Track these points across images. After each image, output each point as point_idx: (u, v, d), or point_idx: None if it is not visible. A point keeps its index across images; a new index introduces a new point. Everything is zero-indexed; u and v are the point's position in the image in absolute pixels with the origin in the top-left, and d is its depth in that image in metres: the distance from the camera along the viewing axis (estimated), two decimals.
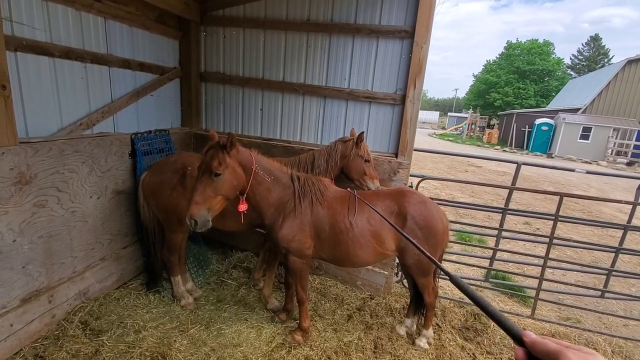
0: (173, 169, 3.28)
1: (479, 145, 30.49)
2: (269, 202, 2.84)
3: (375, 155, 3.79)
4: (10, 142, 2.53)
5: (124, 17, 3.60)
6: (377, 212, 2.11)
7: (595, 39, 53.54)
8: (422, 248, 1.11)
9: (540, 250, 5.67)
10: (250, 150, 2.75)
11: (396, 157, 3.91)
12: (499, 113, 41.32)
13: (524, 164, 3.82)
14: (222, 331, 3.28)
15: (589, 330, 3.80)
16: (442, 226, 2.97)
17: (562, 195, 3.51)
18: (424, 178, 4.03)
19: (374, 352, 3.22)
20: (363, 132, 3.44)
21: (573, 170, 3.64)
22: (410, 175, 3.99)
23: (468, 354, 3.30)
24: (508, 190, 3.93)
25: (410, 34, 3.67)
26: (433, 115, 64.29)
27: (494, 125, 40.83)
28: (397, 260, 4.07)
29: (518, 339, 0.70)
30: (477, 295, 0.85)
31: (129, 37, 3.74)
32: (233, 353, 3.01)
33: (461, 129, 42.74)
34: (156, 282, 3.74)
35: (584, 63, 53.62)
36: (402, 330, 3.47)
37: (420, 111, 3.85)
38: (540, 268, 3.92)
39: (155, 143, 3.92)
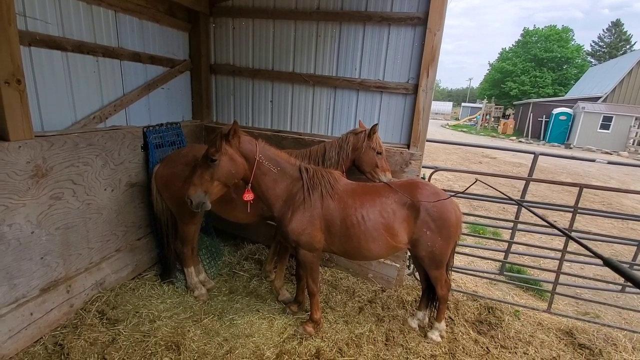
0: (185, 162, 3.30)
1: (493, 136, 29.84)
2: (276, 194, 2.84)
3: (387, 147, 3.73)
4: (26, 135, 2.58)
5: (134, 10, 3.60)
6: None
7: (616, 25, 51.31)
8: None
9: (558, 243, 5.53)
10: (257, 140, 2.75)
11: (408, 148, 3.84)
12: (514, 103, 40.22)
13: (542, 154, 3.69)
14: (235, 322, 3.32)
15: (608, 326, 3.70)
16: (455, 218, 2.91)
17: (581, 187, 3.39)
18: (436, 169, 3.95)
19: (386, 344, 3.21)
20: (377, 125, 3.38)
21: (593, 161, 3.51)
22: (423, 167, 3.92)
23: (481, 347, 3.26)
24: (524, 182, 3.83)
25: (423, 21, 3.56)
26: (446, 106, 62.96)
27: (509, 115, 39.80)
28: (408, 253, 4.03)
29: None
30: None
31: (139, 30, 3.75)
32: (245, 343, 3.04)
33: (475, 119, 41.85)
34: (170, 273, 3.80)
35: (605, 50, 51.54)
36: (414, 323, 3.44)
37: (432, 102, 3.76)
38: (557, 261, 3.82)
39: (166, 136, 3.95)
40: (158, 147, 3.81)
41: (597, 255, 0.88)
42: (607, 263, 0.83)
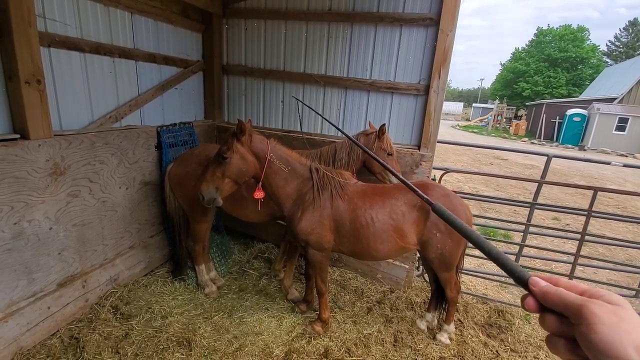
0: (197, 161, 3.35)
1: (505, 137, 29.42)
2: (286, 193, 2.87)
3: (397, 148, 3.72)
4: (45, 134, 2.66)
5: (150, 12, 3.67)
6: None
7: (634, 24, 50.04)
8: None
9: (570, 247, 5.44)
10: (269, 139, 2.78)
11: (419, 149, 3.83)
12: (527, 103, 39.57)
13: (555, 156, 3.64)
14: (244, 319, 3.36)
15: None
16: (465, 219, 2.89)
17: (596, 190, 3.33)
18: (447, 171, 3.93)
19: (394, 345, 3.21)
20: (384, 125, 3.38)
21: (608, 164, 3.45)
22: (433, 168, 3.90)
23: (491, 350, 3.23)
24: (536, 184, 3.78)
25: (435, 22, 3.55)
26: (457, 107, 62.31)
27: (521, 116, 39.19)
28: (417, 254, 4.02)
29: (524, 284, 0.58)
30: (467, 229, 0.72)
31: (154, 31, 3.82)
32: (254, 341, 3.08)
33: (486, 120, 41.29)
34: (181, 271, 3.86)
35: (622, 50, 50.35)
36: (422, 325, 3.43)
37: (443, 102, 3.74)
38: (570, 265, 3.76)
39: (179, 135, 4.02)
40: (171, 146, 3.88)
41: (425, 199, 0.86)
42: (436, 210, 0.82)
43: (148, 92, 3.80)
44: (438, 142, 3.89)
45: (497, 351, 3.23)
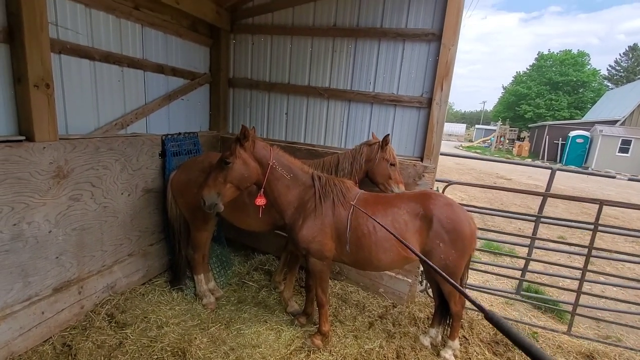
0: (201, 168, 3.36)
1: (508, 158, 29.41)
2: (288, 200, 2.86)
3: (400, 159, 3.72)
4: (51, 137, 2.69)
5: (160, 25, 3.79)
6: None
7: (634, 49, 51.03)
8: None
9: (578, 262, 5.32)
10: (272, 146, 2.80)
11: (421, 160, 3.82)
12: (529, 125, 39.82)
13: (559, 169, 3.62)
14: (242, 331, 3.27)
15: (631, 349, 3.49)
16: (469, 230, 2.84)
17: (602, 202, 3.29)
18: (450, 183, 3.91)
19: None
20: (388, 135, 3.39)
21: (614, 177, 3.41)
22: (436, 181, 3.88)
23: None
24: (541, 198, 3.73)
25: (437, 37, 3.63)
26: (460, 128, 62.79)
27: (524, 138, 39.35)
28: (421, 268, 3.93)
29: None
30: (526, 341, 0.71)
31: (163, 43, 3.92)
32: (252, 354, 2.99)
33: (489, 141, 41.48)
34: (180, 280, 3.80)
35: (622, 74, 51.08)
36: (426, 341, 3.32)
37: (446, 123, 3.77)
38: (577, 282, 3.66)
39: (184, 144, 4.05)
40: (175, 155, 3.91)
41: (479, 307, 0.81)
42: (489, 318, 0.78)
43: (155, 102, 3.86)
44: (441, 154, 3.89)
45: None
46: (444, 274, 1.07)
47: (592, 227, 3.42)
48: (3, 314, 2.55)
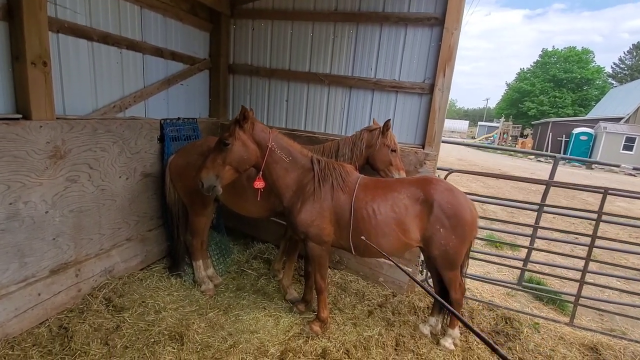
0: (199, 152, 3.32)
1: (511, 155, 29.26)
2: (286, 183, 2.82)
3: (402, 146, 3.67)
4: (48, 116, 2.66)
5: (159, 7, 3.74)
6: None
7: (638, 47, 50.58)
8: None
9: (580, 251, 5.26)
10: (271, 129, 2.76)
11: (423, 148, 3.78)
12: (533, 122, 39.57)
13: (562, 158, 3.56)
14: (240, 317, 3.26)
15: (636, 342, 3.44)
16: (470, 216, 2.80)
17: (606, 190, 3.23)
18: (451, 171, 3.86)
19: (395, 349, 3.06)
20: (389, 120, 3.34)
21: (618, 166, 3.35)
22: (438, 169, 3.84)
23: (498, 359, 3.06)
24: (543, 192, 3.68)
25: (440, 21, 3.56)
26: (462, 125, 62.31)
27: (527, 135, 39.12)
28: (421, 257, 3.90)
29: None
30: None
31: (163, 26, 3.87)
32: (249, 339, 2.97)
33: (492, 138, 41.28)
34: (178, 266, 3.78)
35: (627, 72, 50.66)
36: (426, 330, 3.29)
37: (448, 120, 3.72)
38: (580, 273, 3.61)
39: (183, 130, 4.01)
40: (174, 140, 3.87)
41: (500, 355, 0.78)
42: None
43: (153, 85, 3.82)
44: (443, 142, 3.84)
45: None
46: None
47: (595, 216, 3.36)
48: None
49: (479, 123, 57.30)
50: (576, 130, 26.56)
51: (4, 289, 2.57)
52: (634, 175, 20.29)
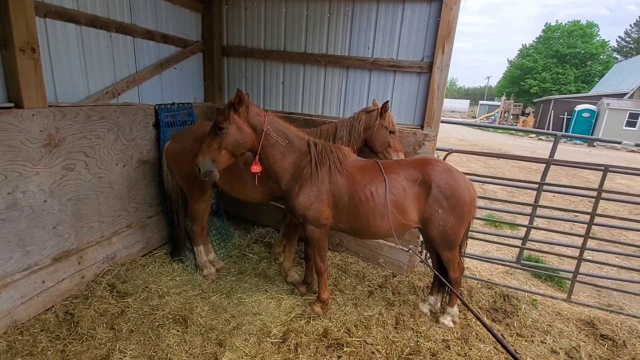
0: (195, 137, 3.29)
1: (512, 134, 29.01)
2: (283, 167, 2.81)
3: (400, 128, 3.63)
4: (40, 104, 2.62)
5: None
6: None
7: None
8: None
9: (580, 228, 5.29)
10: (267, 112, 2.72)
11: (422, 128, 3.73)
12: (534, 100, 39.01)
13: (563, 135, 3.52)
14: (243, 300, 3.31)
15: (634, 316, 3.50)
16: (469, 196, 2.79)
17: (606, 168, 3.21)
18: (450, 151, 3.83)
19: (395, 327, 3.12)
20: (388, 102, 3.28)
21: (619, 142, 3.32)
22: (437, 149, 3.80)
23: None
24: (544, 169, 3.65)
25: None
26: (463, 104, 61.47)
27: (529, 113, 38.66)
28: (421, 238, 3.92)
29: None
30: None
31: (153, 8, 3.76)
32: (252, 320, 3.02)
33: (493, 117, 40.85)
34: (179, 251, 3.81)
35: (632, 45, 49.42)
36: (425, 308, 3.34)
37: (449, 99, 3.66)
38: (578, 250, 3.64)
39: (178, 115, 3.96)
40: (170, 125, 3.83)
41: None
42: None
43: (146, 70, 3.75)
44: (442, 122, 3.79)
45: (502, 335, 3.13)
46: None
47: (595, 193, 3.35)
48: (3, 283, 2.57)
49: (480, 102, 56.53)
50: (578, 108, 26.19)
51: (9, 277, 2.61)
52: (637, 152, 20.16)
